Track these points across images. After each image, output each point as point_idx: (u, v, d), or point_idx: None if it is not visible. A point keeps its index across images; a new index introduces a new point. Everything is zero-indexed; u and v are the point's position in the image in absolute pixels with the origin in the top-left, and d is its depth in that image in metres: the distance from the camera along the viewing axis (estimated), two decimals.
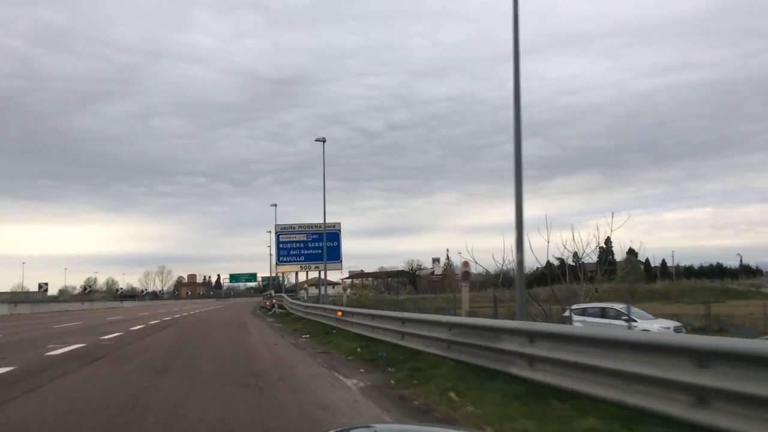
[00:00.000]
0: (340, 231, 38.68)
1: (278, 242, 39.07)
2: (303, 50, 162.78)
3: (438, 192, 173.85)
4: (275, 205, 54.84)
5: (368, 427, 2.46)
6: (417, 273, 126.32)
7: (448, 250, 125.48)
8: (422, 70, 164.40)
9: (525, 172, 10.07)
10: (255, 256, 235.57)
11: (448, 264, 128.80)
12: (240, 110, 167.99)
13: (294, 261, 39.04)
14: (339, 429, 2.51)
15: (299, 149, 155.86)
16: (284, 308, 33.47)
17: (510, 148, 10.23)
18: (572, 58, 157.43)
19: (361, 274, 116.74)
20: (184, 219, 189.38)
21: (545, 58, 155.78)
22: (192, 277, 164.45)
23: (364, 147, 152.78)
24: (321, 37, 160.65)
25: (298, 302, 27.52)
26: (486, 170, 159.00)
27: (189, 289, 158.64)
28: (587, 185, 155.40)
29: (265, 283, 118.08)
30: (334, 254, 37.22)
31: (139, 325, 25.31)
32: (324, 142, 31.68)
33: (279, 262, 39.28)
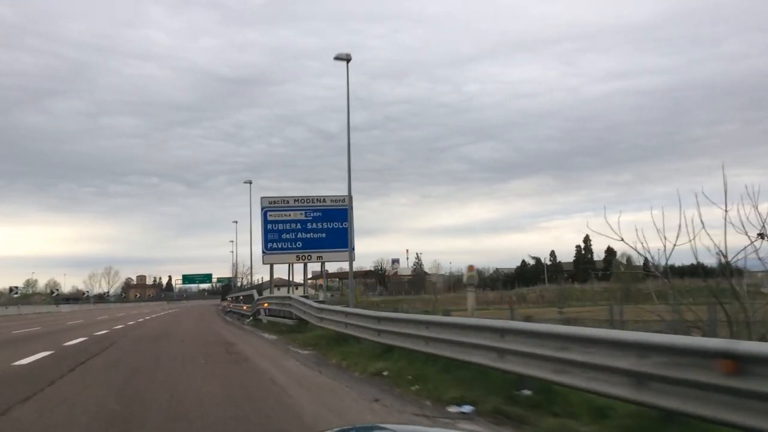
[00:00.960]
0: (351, 208, 27.42)
1: (266, 222, 27.62)
2: (260, 50, 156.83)
3: (395, 194, 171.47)
4: (250, 182, 44.22)
5: (368, 427, 2.47)
6: (385, 274, 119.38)
7: (407, 251, 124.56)
8: (380, 71, 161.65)
9: (478, 175, 0.54)
10: (209, 257, 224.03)
11: (419, 263, 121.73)
12: (194, 109, 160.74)
13: (289, 249, 27.70)
14: (339, 429, 2.44)
15: (254, 150, 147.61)
16: (291, 318, 22.09)
17: (469, 149, 0.51)
18: (528, 62, 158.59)
19: (327, 275, 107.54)
20: (135, 220, 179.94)
21: (502, 62, 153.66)
22: (141, 278, 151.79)
23: (322, 148, 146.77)
24: (278, 37, 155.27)
25: (329, 307, 15.96)
26: (444, 172, 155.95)
27: (138, 291, 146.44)
28: (540, 188, 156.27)
29: (223, 284, 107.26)
30: (342, 240, 26.20)
31: (47, 351, 13.93)
32: (348, 61, 20.99)
33: (267, 250, 27.78)
